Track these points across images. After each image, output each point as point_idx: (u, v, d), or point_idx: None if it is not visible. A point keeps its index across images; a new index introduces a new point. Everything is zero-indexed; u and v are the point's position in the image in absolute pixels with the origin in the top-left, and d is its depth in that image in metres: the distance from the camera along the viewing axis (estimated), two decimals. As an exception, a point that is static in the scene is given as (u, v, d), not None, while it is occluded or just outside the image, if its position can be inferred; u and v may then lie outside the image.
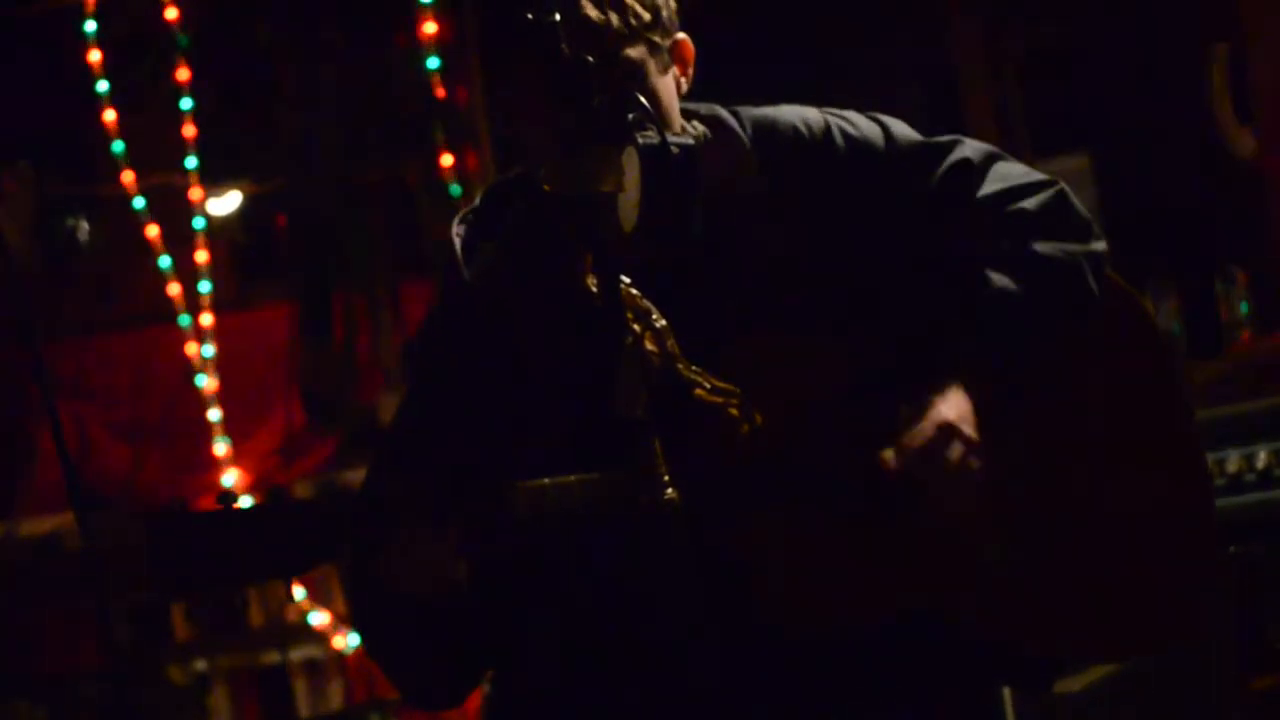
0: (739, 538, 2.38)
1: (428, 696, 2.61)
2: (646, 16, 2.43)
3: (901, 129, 2.58)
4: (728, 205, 2.50)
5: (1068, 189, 2.58)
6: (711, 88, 2.58)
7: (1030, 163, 2.66)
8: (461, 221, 2.59)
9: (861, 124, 2.57)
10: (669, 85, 2.48)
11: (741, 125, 2.56)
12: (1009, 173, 2.57)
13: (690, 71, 2.51)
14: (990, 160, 2.57)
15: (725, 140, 2.54)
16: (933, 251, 2.52)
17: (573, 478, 2.33)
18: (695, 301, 2.42)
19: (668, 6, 2.47)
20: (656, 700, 2.41)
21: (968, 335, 2.46)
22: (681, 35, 2.50)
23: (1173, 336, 5.14)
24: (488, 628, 2.48)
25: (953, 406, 2.41)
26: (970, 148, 2.58)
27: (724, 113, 2.57)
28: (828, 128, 2.55)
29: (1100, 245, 2.55)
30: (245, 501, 2.34)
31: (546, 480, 2.33)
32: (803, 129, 2.55)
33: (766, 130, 2.56)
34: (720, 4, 5.20)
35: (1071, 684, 3.77)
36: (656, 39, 2.45)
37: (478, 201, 2.62)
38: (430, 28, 5.73)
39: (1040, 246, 2.50)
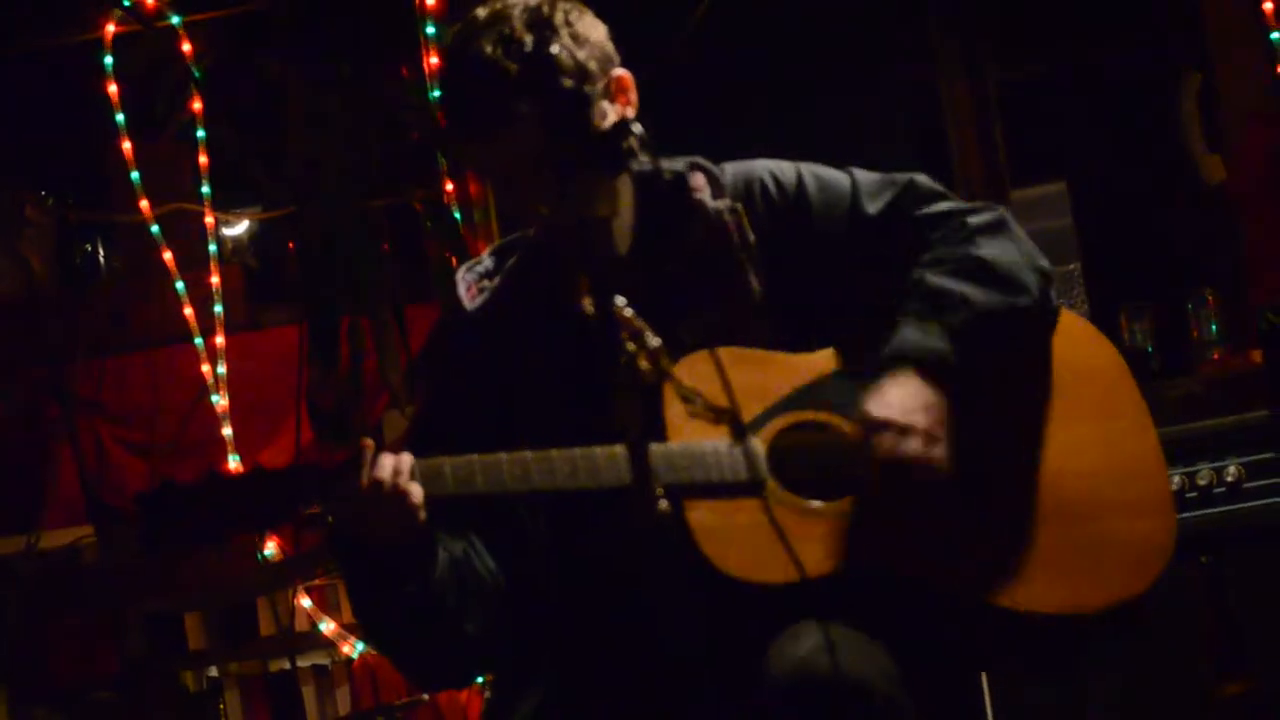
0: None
1: (427, 676, 2.74)
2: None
3: (865, 173, 2.73)
4: (704, 240, 2.64)
5: (1009, 215, 2.73)
6: (699, 132, 2.74)
7: (1010, 189, 2.79)
8: (470, 270, 2.73)
9: (830, 173, 2.72)
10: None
11: (721, 172, 2.70)
12: (954, 202, 2.73)
13: (633, 99, 2.61)
14: (939, 194, 2.73)
15: (706, 180, 2.68)
16: (882, 263, 2.67)
17: (554, 451, 2.45)
18: (676, 324, 2.51)
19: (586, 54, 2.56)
20: (648, 695, 2.52)
21: (911, 329, 2.58)
22: (618, 71, 2.60)
23: (1146, 355, 5.17)
24: (479, 612, 2.59)
25: (880, 398, 2.53)
26: (922, 178, 2.73)
27: (704, 161, 2.71)
28: (800, 177, 2.71)
29: (1042, 261, 2.68)
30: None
31: (529, 453, 2.46)
32: (779, 175, 2.70)
33: (743, 177, 2.70)
34: (708, 46, 5.30)
35: (1046, 689, 3.86)
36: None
37: (485, 256, 2.74)
38: (434, 60, 5.83)
39: (982, 251, 2.64)
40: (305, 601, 5.75)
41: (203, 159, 6.15)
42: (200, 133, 6.12)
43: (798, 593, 2.45)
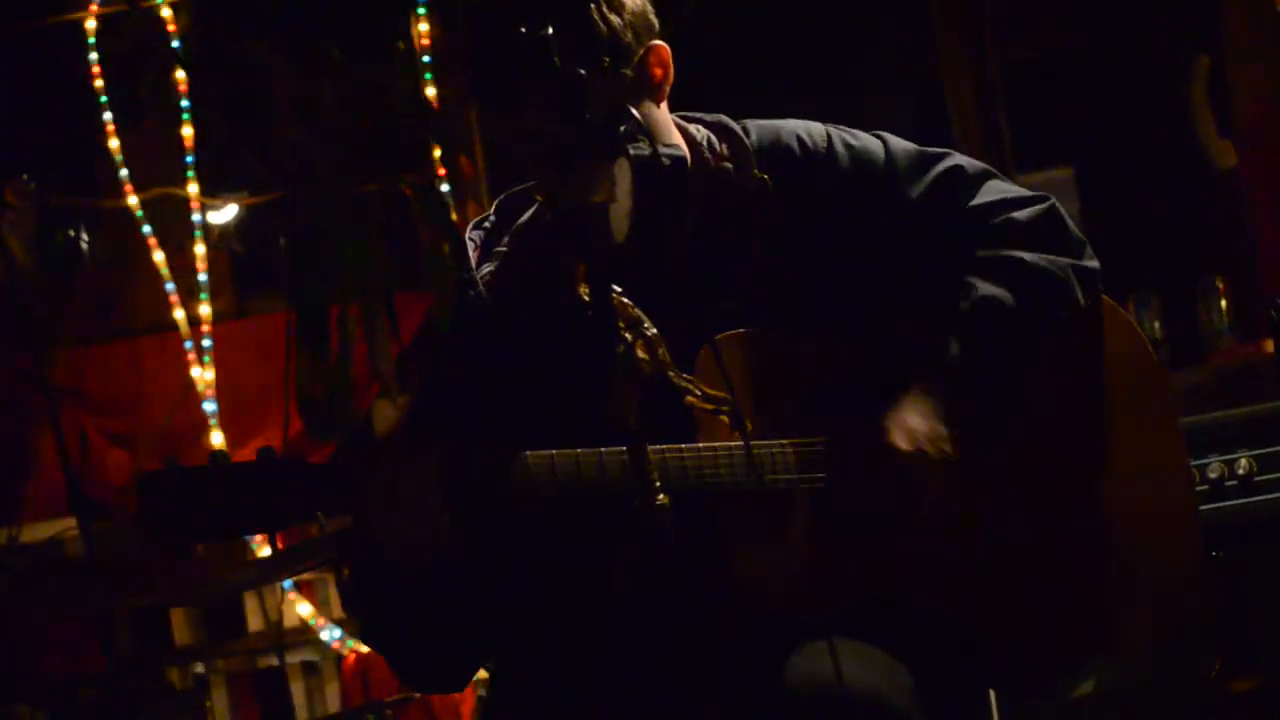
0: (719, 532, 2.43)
1: (423, 679, 2.66)
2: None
3: (899, 141, 2.64)
4: (726, 212, 2.57)
5: (1059, 206, 2.64)
6: (706, 102, 2.66)
7: (1015, 175, 2.74)
8: (477, 227, 2.66)
9: (862, 137, 2.64)
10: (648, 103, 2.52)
11: (746, 133, 2.63)
12: (1001, 188, 2.64)
13: (670, 73, 2.54)
14: (984, 175, 2.64)
15: (731, 147, 2.61)
16: (922, 254, 2.59)
17: (578, 451, 2.37)
18: (687, 310, 2.45)
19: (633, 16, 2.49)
20: (648, 702, 2.45)
21: (951, 339, 2.51)
22: (655, 42, 2.52)
23: (1155, 344, 5.19)
24: (479, 611, 2.52)
25: (902, 425, 2.46)
26: (964, 159, 2.65)
27: (730, 121, 2.64)
28: (830, 139, 2.62)
29: (1092, 263, 2.60)
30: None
31: (553, 452, 2.37)
32: (806, 139, 2.61)
33: (770, 139, 2.62)
34: (714, 26, 5.27)
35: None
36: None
37: (491, 211, 2.69)
38: (425, 41, 5.80)
39: (1028, 256, 2.56)
40: (295, 599, 5.73)
41: (188, 142, 6.12)
42: (185, 116, 6.07)
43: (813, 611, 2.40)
